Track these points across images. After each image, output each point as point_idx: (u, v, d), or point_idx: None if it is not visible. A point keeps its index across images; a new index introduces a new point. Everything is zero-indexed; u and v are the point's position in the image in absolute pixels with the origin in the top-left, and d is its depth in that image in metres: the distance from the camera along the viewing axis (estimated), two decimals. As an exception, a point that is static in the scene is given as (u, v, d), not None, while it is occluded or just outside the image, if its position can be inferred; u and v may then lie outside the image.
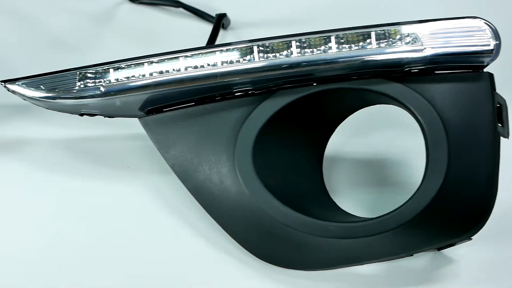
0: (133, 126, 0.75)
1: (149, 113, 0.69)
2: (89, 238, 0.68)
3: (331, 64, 0.63)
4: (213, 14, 0.91)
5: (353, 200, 0.71)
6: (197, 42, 0.88)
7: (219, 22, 0.81)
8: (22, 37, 0.90)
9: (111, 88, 0.66)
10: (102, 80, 0.66)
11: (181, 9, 0.93)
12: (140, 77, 0.65)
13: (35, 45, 0.89)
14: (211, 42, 0.79)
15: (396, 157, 0.75)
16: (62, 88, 0.67)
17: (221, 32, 0.90)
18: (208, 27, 0.91)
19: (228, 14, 0.91)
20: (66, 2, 0.95)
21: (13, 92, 0.68)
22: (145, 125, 0.69)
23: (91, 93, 0.66)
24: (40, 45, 0.89)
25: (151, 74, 0.65)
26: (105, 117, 0.71)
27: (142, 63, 0.66)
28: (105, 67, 0.66)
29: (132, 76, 0.66)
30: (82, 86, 0.66)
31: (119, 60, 0.66)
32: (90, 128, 0.77)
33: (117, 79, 0.66)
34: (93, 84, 0.66)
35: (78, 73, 0.67)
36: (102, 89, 0.66)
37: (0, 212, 0.70)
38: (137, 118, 0.70)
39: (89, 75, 0.66)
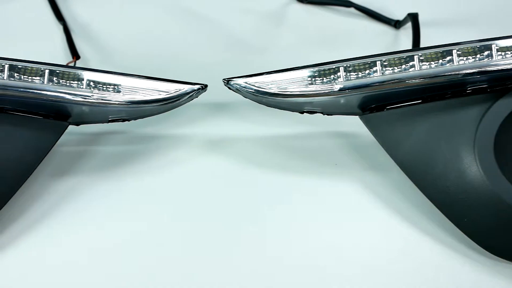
0: (337, 123, 0.77)
1: (366, 110, 0.70)
2: (297, 235, 0.69)
3: None
4: (384, 14, 0.93)
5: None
6: (371, 42, 0.91)
7: (417, 21, 0.81)
8: (204, 38, 0.92)
9: (346, 85, 0.67)
10: (335, 78, 0.67)
11: (352, 9, 0.93)
12: (371, 74, 0.67)
13: (216, 46, 0.91)
14: (417, 42, 0.80)
15: None
16: (295, 85, 0.68)
17: (395, 32, 0.92)
18: (380, 27, 0.92)
19: (398, 14, 0.92)
20: (239, 3, 0.96)
21: (237, 90, 0.70)
22: (367, 123, 0.70)
23: (325, 90, 0.67)
24: (222, 46, 0.91)
25: (383, 72, 0.67)
26: (324, 114, 0.72)
27: (374, 62, 0.67)
28: (337, 65, 0.67)
29: (363, 74, 0.67)
30: (315, 83, 0.67)
31: (348, 58, 0.67)
32: (293, 126, 0.78)
33: (348, 77, 0.67)
34: (327, 82, 0.67)
35: (308, 70, 0.67)
36: (336, 86, 0.67)
37: (204, 207, 0.71)
38: (350, 116, 0.72)
39: (322, 73, 0.67)
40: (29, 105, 0.67)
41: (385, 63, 0.66)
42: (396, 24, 0.91)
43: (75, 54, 0.84)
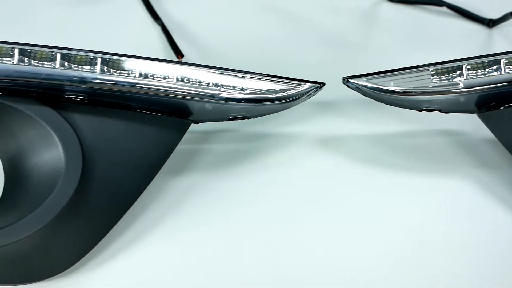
0: (445, 121, 0.77)
1: (482, 108, 0.70)
2: (411, 232, 0.69)
3: None
4: (477, 13, 0.93)
5: None
6: (465, 41, 0.91)
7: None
8: (298, 37, 0.93)
9: (471, 83, 0.67)
10: (454, 76, 0.68)
11: (443, 8, 0.94)
12: (491, 73, 0.67)
13: (306, 43, 0.91)
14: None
15: None
16: (417, 84, 0.68)
17: (488, 31, 0.92)
18: (472, 26, 0.93)
19: (492, 13, 0.93)
20: (327, 2, 0.97)
21: (357, 88, 0.70)
22: (486, 121, 0.70)
23: (449, 88, 0.68)
24: (312, 43, 0.91)
25: (506, 71, 0.67)
26: (442, 112, 0.73)
27: (497, 60, 0.67)
28: (458, 63, 0.68)
29: (483, 72, 0.67)
30: (437, 82, 0.68)
31: (467, 57, 0.68)
32: (402, 124, 0.79)
33: (469, 75, 0.68)
34: (449, 80, 0.68)
35: (430, 69, 0.68)
36: (461, 84, 0.67)
37: (317, 206, 0.71)
38: (467, 114, 0.73)
39: (439, 71, 0.68)
40: (155, 103, 0.68)
41: (505, 62, 0.67)
42: (490, 23, 0.91)
43: (179, 53, 0.84)
